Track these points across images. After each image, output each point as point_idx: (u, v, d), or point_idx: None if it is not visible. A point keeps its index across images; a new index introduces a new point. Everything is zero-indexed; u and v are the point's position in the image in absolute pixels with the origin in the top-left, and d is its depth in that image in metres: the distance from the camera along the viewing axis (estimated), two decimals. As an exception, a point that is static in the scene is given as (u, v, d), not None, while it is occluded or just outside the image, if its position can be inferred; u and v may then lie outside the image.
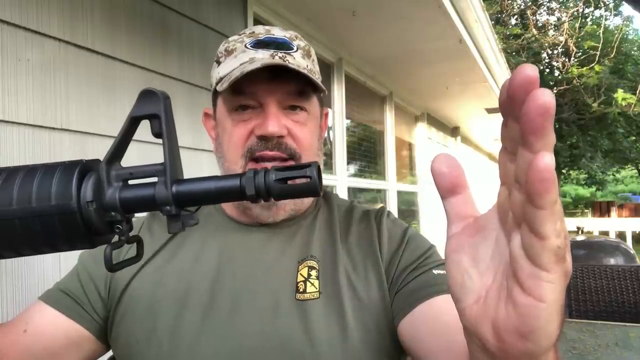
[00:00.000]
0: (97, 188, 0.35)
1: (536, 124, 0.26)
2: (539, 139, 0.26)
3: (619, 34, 10.56)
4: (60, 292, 0.73)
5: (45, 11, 1.30)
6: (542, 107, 0.25)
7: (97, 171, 0.36)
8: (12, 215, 0.34)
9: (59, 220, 0.33)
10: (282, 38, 0.72)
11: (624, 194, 25.39)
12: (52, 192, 0.34)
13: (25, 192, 0.34)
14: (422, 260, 0.72)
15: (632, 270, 2.53)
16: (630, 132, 16.20)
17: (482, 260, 0.32)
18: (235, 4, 2.14)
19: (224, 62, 0.73)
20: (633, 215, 10.57)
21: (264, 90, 0.69)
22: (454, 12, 2.84)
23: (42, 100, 1.29)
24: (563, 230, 0.28)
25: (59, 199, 0.33)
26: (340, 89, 3.32)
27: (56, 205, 0.33)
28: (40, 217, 0.33)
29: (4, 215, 0.34)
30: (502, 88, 0.28)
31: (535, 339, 0.30)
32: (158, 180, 0.35)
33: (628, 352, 1.53)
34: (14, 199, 0.34)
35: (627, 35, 16.38)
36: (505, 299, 0.30)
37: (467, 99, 5.02)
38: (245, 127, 0.70)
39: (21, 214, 0.34)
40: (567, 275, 0.29)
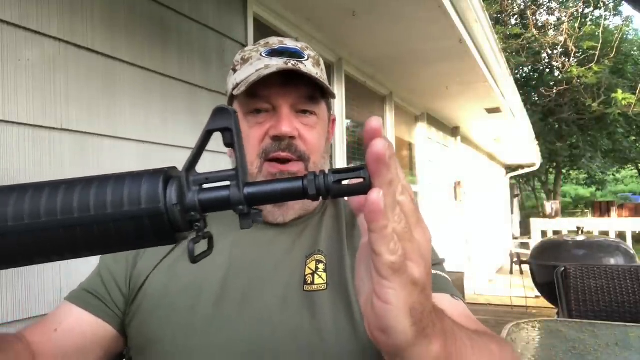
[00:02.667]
0: (180, 192, 0.40)
1: (372, 168, 0.34)
2: (374, 178, 0.35)
3: (618, 34, 10.56)
4: (85, 291, 0.77)
5: (45, 11, 1.30)
6: (376, 154, 0.34)
7: (178, 177, 0.41)
8: (107, 219, 0.38)
9: (149, 221, 0.38)
10: (295, 48, 0.79)
11: (624, 194, 25.38)
12: (142, 197, 0.38)
13: (117, 197, 0.38)
14: None
15: (632, 270, 2.53)
16: (630, 132, 16.20)
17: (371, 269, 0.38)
18: (235, 4, 2.14)
19: (240, 70, 0.79)
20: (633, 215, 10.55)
21: (278, 94, 0.75)
22: (454, 12, 2.84)
23: (42, 100, 1.29)
24: (400, 248, 0.35)
25: (149, 203, 0.38)
26: (340, 89, 3.32)
27: (146, 208, 0.38)
28: (133, 220, 0.38)
29: (99, 220, 0.38)
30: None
31: (392, 334, 0.36)
32: (231, 184, 0.40)
33: (628, 352, 1.53)
34: (108, 203, 0.38)
35: (626, 35, 16.38)
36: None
37: (467, 99, 5.02)
38: (261, 129, 0.76)
39: (114, 218, 0.38)
40: (412, 284, 0.36)
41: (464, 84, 4.33)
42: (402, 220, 0.36)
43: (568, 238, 4.37)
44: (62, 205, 0.38)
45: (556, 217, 9.17)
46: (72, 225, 0.37)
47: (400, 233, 0.36)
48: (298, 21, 2.69)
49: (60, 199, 0.38)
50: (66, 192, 0.39)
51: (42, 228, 0.38)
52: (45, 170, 1.29)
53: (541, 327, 1.89)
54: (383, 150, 0.34)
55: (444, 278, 0.76)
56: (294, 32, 2.70)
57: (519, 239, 10.81)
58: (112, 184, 0.39)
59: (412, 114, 5.17)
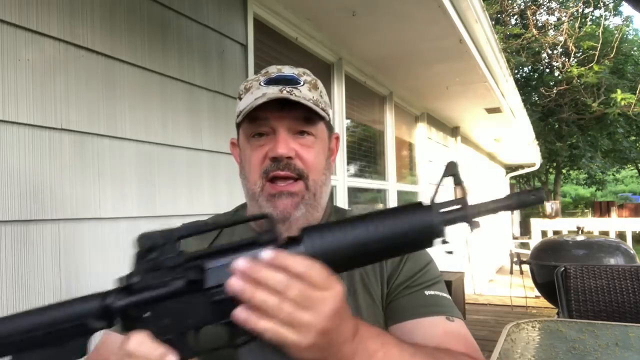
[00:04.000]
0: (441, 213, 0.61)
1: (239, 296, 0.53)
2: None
3: (618, 34, 10.56)
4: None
5: (45, 11, 1.30)
6: (232, 290, 0.54)
7: (430, 207, 0.60)
8: (384, 237, 0.59)
9: (415, 235, 0.59)
10: (291, 75, 0.85)
11: (624, 194, 25.39)
12: (417, 220, 0.60)
13: (392, 223, 0.60)
14: (417, 277, 0.85)
15: (632, 270, 2.53)
16: (630, 132, 16.20)
17: None
18: (235, 4, 2.14)
19: (243, 98, 0.86)
20: (633, 215, 10.57)
21: (275, 117, 0.82)
22: (454, 12, 2.84)
23: (42, 100, 1.29)
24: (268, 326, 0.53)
25: (423, 223, 0.60)
26: (340, 89, 3.32)
27: (421, 226, 0.59)
28: (405, 234, 0.59)
29: (382, 241, 0.59)
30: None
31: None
32: (466, 207, 0.60)
33: (628, 352, 1.53)
34: (391, 227, 0.59)
35: (626, 35, 16.38)
36: None
37: (467, 99, 5.02)
38: (261, 151, 0.83)
39: (393, 236, 0.59)
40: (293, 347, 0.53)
41: (464, 84, 4.33)
42: (283, 310, 0.52)
43: (568, 238, 4.37)
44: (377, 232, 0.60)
45: (556, 217, 9.17)
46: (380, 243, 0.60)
47: (284, 321, 0.52)
48: (298, 21, 2.69)
49: (369, 228, 0.60)
50: (371, 223, 0.60)
51: (367, 242, 0.59)
52: (45, 170, 1.29)
53: (541, 327, 1.89)
54: (237, 286, 0.53)
55: (442, 298, 0.84)
56: (294, 32, 2.70)
57: (519, 239, 10.81)
58: (388, 215, 0.61)
59: (412, 114, 5.17)
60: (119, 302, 0.57)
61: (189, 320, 0.58)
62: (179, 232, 0.59)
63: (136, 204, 1.58)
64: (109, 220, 1.47)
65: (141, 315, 0.57)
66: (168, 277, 0.57)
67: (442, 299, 0.83)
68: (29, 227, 1.25)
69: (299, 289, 0.52)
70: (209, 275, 0.57)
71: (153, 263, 0.58)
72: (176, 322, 0.57)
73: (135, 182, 1.58)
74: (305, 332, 0.52)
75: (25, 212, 1.24)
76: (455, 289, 4.02)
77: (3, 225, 1.19)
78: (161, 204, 1.68)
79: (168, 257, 0.58)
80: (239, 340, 0.56)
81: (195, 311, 0.57)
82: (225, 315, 0.55)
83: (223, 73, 2.03)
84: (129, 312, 0.57)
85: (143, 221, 1.59)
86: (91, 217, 1.42)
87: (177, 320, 0.57)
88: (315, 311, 0.53)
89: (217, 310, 0.57)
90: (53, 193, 1.31)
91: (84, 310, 0.57)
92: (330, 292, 0.54)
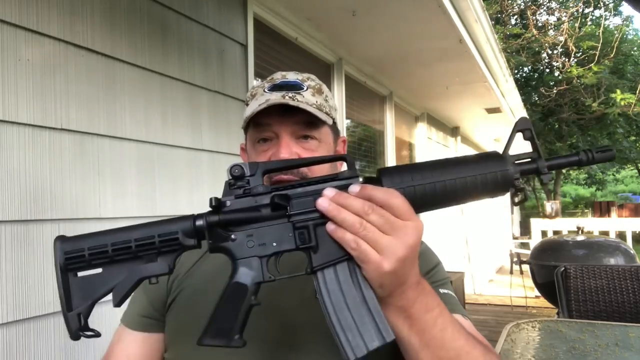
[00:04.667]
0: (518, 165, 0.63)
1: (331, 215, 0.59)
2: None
3: (618, 34, 10.55)
4: (140, 316, 0.88)
5: (45, 11, 1.30)
6: (322, 210, 0.59)
7: (505, 157, 0.62)
8: (461, 178, 0.61)
9: (492, 180, 0.62)
10: (295, 81, 0.87)
11: (624, 194, 25.39)
12: (493, 166, 0.62)
13: (469, 167, 0.62)
14: (430, 275, 0.86)
15: (632, 270, 2.53)
16: (630, 132, 16.19)
17: None
18: (235, 4, 2.14)
19: (249, 105, 0.88)
20: (633, 215, 10.55)
21: (277, 122, 0.83)
22: (454, 12, 2.84)
23: (42, 100, 1.29)
24: (360, 247, 0.57)
25: (499, 169, 0.62)
26: (340, 89, 3.32)
27: (498, 171, 0.62)
28: (482, 177, 0.62)
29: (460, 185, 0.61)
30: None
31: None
32: (536, 159, 0.63)
33: (628, 352, 1.53)
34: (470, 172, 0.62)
35: (626, 35, 16.38)
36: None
37: (467, 99, 5.02)
38: (265, 156, 0.84)
39: (470, 179, 0.61)
40: (376, 271, 0.57)
41: (463, 84, 4.33)
42: (366, 228, 0.56)
43: (568, 238, 4.37)
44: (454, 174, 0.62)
45: (556, 217, 9.16)
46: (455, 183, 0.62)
47: (367, 238, 0.56)
48: (298, 21, 2.69)
49: (446, 170, 0.62)
50: (447, 166, 0.63)
51: (444, 185, 0.61)
52: (45, 170, 1.29)
53: (541, 327, 1.89)
54: (324, 205, 0.58)
55: (453, 297, 0.85)
56: (294, 32, 2.70)
57: (519, 239, 10.80)
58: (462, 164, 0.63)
59: (412, 114, 5.17)
60: (210, 219, 0.61)
61: (273, 244, 0.61)
62: (264, 166, 0.64)
63: (136, 203, 1.58)
64: (109, 220, 1.47)
65: (228, 235, 0.62)
66: (256, 202, 0.62)
67: (455, 299, 0.85)
68: (29, 227, 1.25)
69: (381, 214, 0.57)
70: (294, 202, 0.61)
71: (243, 189, 0.62)
72: (261, 245, 0.61)
73: (135, 182, 1.58)
74: (387, 255, 0.56)
75: (25, 212, 1.24)
76: (455, 289, 3.99)
77: (3, 225, 1.19)
78: (161, 204, 1.67)
79: (256, 185, 0.62)
80: (316, 266, 0.60)
81: (279, 236, 0.61)
82: (306, 241, 0.60)
83: (223, 73, 2.03)
84: (218, 231, 0.61)
85: (143, 221, 1.59)
86: (91, 217, 1.42)
87: (262, 244, 0.61)
88: (397, 237, 0.56)
89: (299, 236, 0.60)
90: (53, 193, 1.31)
91: (177, 227, 0.62)
92: (412, 223, 0.58)
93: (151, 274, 0.61)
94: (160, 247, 0.61)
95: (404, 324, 0.60)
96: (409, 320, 0.60)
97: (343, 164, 0.78)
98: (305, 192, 0.62)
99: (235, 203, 0.62)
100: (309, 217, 0.60)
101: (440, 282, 0.86)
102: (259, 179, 0.63)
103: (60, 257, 0.60)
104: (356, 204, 0.57)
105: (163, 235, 0.61)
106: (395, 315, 0.60)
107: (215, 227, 0.61)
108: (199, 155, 1.87)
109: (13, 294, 1.20)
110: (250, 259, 0.61)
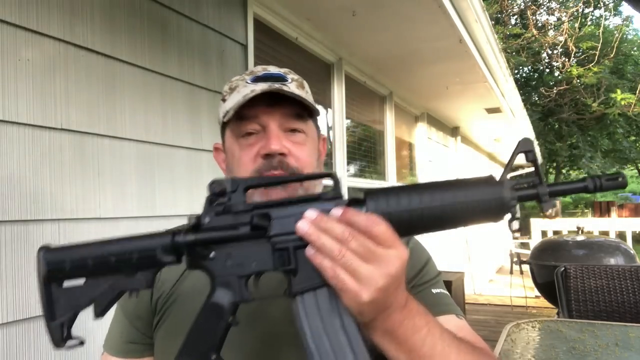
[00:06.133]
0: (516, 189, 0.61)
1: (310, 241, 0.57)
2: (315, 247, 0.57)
3: (618, 34, 10.55)
4: (125, 343, 0.85)
5: (45, 11, 1.30)
6: (302, 234, 0.57)
7: (502, 181, 0.60)
8: (451, 205, 0.59)
9: (484, 207, 0.60)
10: (278, 73, 0.83)
11: (624, 194, 25.36)
12: (487, 192, 0.60)
13: (461, 193, 0.60)
14: (421, 275, 0.83)
15: (632, 270, 2.53)
16: (630, 132, 16.20)
17: None
18: (235, 4, 2.14)
19: (228, 99, 0.83)
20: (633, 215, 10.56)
21: (265, 113, 0.78)
22: (454, 12, 2.84)
23: (42, 100, 1.29)
24: (339, 276, 0.55)
25: (493, 196, 0.59)
26: (340, 89, 3.32)
27: (491, 198, 0.59)
28: (473, 204, 0.59)
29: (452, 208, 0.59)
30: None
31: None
32: (538, 185, 0.60)
33: (628, 352, 1.53)
34: (455, 197, 0.59)
35: (626, 35, 16.37)
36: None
37: (467, 99, 5.02)
38: (252, 150, 0.79)
39: (460, 205, 0.59)
40: (354, 301, 0.55)
41: (464, 84, 4.33)
42: (345, 256, 0.54)
43: (568, 238, 4.36)
44: (439, 199, 0.59)
45: (556, 217, 9.16)
46: (443, 209, 0.59)
47: (345, 266, 0.54)
48: (298, 21, 2.69)
49: (435, 195, 0.59)
50: (437, 191, 0.60)
51: (432, 210, 0.59)
52: (45, 170, 1.29)
53: (541, 327, 1.89)
54: (304, 229, 0.56)
55: (447, 296, 0.83)
56: (294, 32, 2.70)
57: (519, 239, 10.80)
58: (455, 186, 0.60)
59: (412, 114, 5.17)
60: (187, 237, 0.60)
61: (252, 264, 0.60)
62: (246, 183, 0.63)
63: (136, 204, 1.58)
64: (109, 220, 1.47)
65: (207, 254, 0.60)
66: (236, 220, 0.60)
67: (447, 297, 0.82)
68: (29, 227, 1.25)
69: (362, 241, 0.55)
70: (275, 223, 0.60)
71: (223, 207, 0.61)
72: (239, 265, 0.60)
73: (135, 182, 1.58)
74: (366, 285, 0.54)
75: (25, 212, 1.24)
76: (455, 289, 4.02)
77: (3, 225, 1.19)
78: (161, 204, 1.67)
79: (237, 203, 0.61)
80: (295, 290, 0.58)
81: (258, 256, 0.60)
82: (286, 263, 0.59)
83: (223, 73, 2.03)
84: (196, 248, 0.60)
85: (143, 221, 1.59)
86: (91, 217, 1.42)
87: (240, 263, 0.60)
88: (377, 266, 0.54)
89: (279, 257, 0.59)
90: (53, 193, 1.31)
91: (155, 243, 0.60)
92: (395, 252, 0.55)
93: (131, 288, 0.60)
94: (138, 263, 0.60)
95: (390, 345, 0.59)
96: (396, 341, 0.59)
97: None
98: (287, 213, 0.60)
99: (214, 220, 0.60)
100: (289, 238, 0.58)
101: (431, 282, 0.83)
102: (241, 195, 0.61)
103: (43, 267, 0.60)
104: (337, 229, 0.55)
105: (141, 251, 0.60)
106: (380, 338, 0.59)
107: (193, 245, 0.60)
108: (199, 156, 1.87)
109: (13, 294, 1.20)
110: (228, 278, 0.59)
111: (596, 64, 10.00)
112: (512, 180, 0.60)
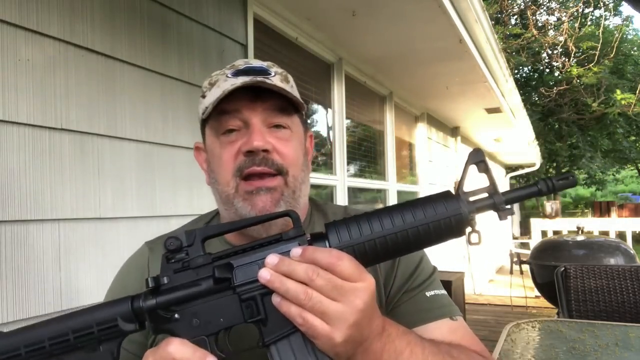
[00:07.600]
0: (467, 202, 0.60)
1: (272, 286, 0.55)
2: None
3: (618, 34, 10.55)
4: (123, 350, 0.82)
5: (45, 11, 1.30)
6: (264, 281, 0.55)
7: (459, 196, 0.59)
8: (412, 227, 0.58)
9: (445, 225, 0.58)
10: (260, 66, 0.78)
11: (624, 194, 25.38)
12: (445, 209, 0.59)
13: (420, 213, 0.59)
14: (414, 278, 0.81)
15: (632, 270, 2.53)
16: (630, 132, 16.20)
17: None
18: (235, 4, 2.14)
19: (208, 94, 0.79)
20: (633, 215, 10.57)
21: (247, 108, 0.74)
22: (454, 12, 2.84)
23: (42, 100, 1.29)
24: (305, 321, 0.53)
25: (452, 213, 0.58)
26: (340, 89, 3.32)
27: (451, 215, 0.58)
28: (435, 224, 0.58)
29: (406, 232, 0.58)
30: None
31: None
32: (492, 195, 0.60)
33: (628, 352, 1.53)
34: (414, 218, 0.59)
35: (626, 35, 16.38)
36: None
37: (467, 99, 5.02)
38: (233, 147, 0.75)
39: (421, 227, 0.58)
40: (327, 343, 0.54)
41: (463, 84, 4.32)
42: (312, 298, 0.52)
43: (568, 238, 4.37)
44: (398, 223, 0.59)
45: (556, 217, 9.17)
46: (406, 232, 0.58)
47: (314, 309, 0.52)
48: (298, 21, 2.69)
49: (395, 220, 0.59)
50: (397, 215, 0.59)
51: (395, 235, 0.58)
52: (45, 170, 1.29)
53: (541, 327, 1.89)
54: (266, 277, 0.54)
55: (442, 297, 0.80)
56: (294, 32, 2.70)
57: (519, 239, 10.80)
58: (412, 206, 0.60)
59: (412, 114, 5.17)
60: (147, 303, 0.57)
61: (220, 319, 0.57)
62: (203, 233, 0.59)
63: (136, 204, 1.58)
64: (109, 220, 1.47)
65: (171, 316, 0.57)
66: (197, 276, 0.58)
67: (442, 298, 0.80)
68: (29, 227, 1.25)
69: (327, 278, 0.53)
70: (238, 272, 0.57)
71: (181, 263, 0.58)
72: (207, 322, 0.57)
73: (135, 182, 1.58)
74: (337, 325, 0.52)
75: (25, 212, 1.24)
76: (455, 289, 4.01)
77: (3, 225, 1.19)
78: (161, 204, 1.67)
79: (196, 257, 0.58)
80: (268, 340, 0.56)
81: (225, 310, 0.57)
82: (254, 313, 0.56)
83: (223, 73, 2.03)
84: (158, 312, 0.57)
85: (143, 221, 1.59)
86: (91, 217, 1.42)
87: (207, 321, 0.57)
88: (346, 302, 0.52)
89: (246, 308, 0.57)
90: (53, 193, 1.31)
91: (114, 313, 0.57)
92: (361, 284, 0.54)
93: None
94: (99, 336, 0.56)
95: None
96: None
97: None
98: (249, 259, 0.57)
99: (174, 279, 0.57)
100: (254, 286, 0.56)
101: (425, 284, 0.81)
102: (199, 247, 0.58)
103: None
104: (299, 271, 0.53)
105: (101, 323, 0.56)
106: None
107: (155, 309, 0.57)
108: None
109: (13, 294, 1.20)
110: (197, 339, 0.56)
111: (596, 64, 10.00)
112: (468, 194, 0.60)
